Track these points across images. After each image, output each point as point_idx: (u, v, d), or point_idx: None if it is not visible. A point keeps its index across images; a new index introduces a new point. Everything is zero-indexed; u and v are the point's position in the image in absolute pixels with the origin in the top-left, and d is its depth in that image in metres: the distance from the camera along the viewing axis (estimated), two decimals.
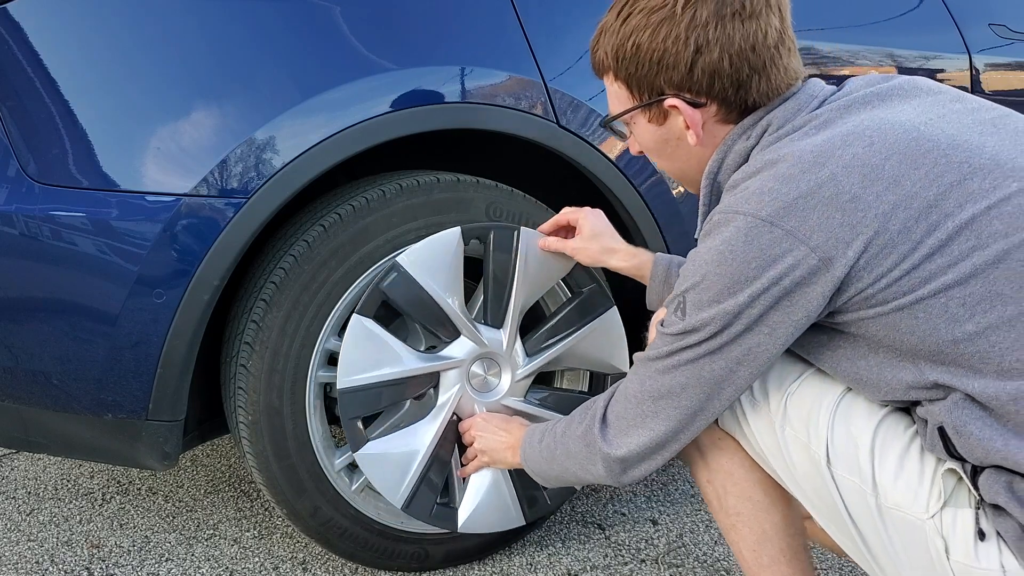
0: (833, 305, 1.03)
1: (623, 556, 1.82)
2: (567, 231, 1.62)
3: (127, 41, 1.45)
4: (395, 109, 1.49)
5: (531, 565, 1.78)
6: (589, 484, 1.37)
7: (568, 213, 1.60)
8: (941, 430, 1.04)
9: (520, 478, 1.64)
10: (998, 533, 1.01)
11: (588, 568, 1.77)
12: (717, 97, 1.13)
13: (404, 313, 1.57)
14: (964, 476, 1.04)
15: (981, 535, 1.02)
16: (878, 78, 1.15)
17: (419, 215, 1.56)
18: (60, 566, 1.79)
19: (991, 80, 2.13)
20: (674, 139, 1.20)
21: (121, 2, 1.45)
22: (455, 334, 1.60)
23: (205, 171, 1.41)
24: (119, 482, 2.15)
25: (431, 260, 1.55)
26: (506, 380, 1.66)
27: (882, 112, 1.06)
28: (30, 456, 2.29)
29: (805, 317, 1.05)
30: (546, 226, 1.62)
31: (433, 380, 1.61)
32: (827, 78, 1.93)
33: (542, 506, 1.71)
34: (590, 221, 1.56)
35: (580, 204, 1.62)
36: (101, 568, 1.79)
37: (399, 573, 1.74)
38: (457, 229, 1.56)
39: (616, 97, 1.22)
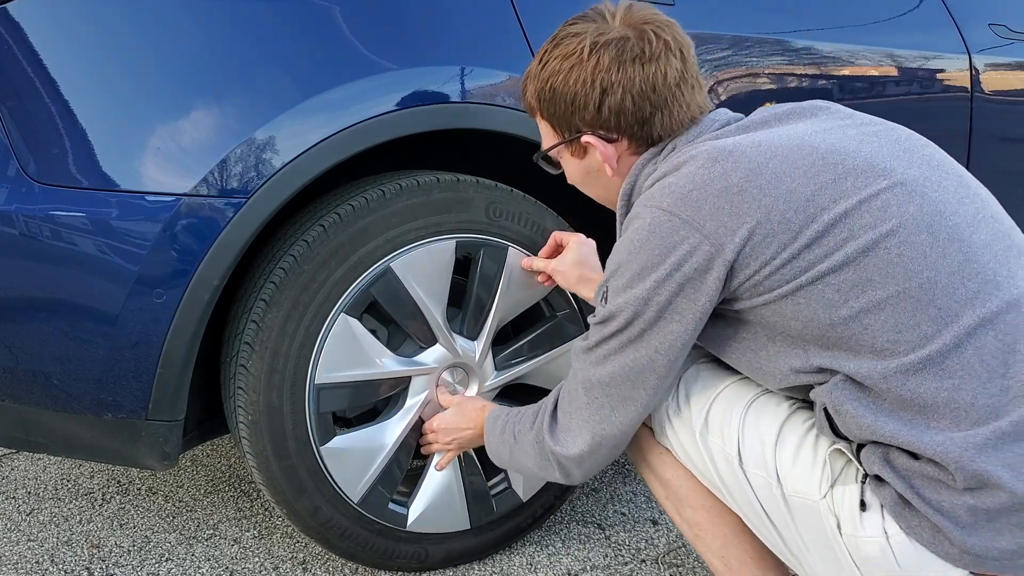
0: (728, 290, 1.13)
1: (623, 556, 1.82)
2: (556, 251, 1.64)
3: (127, 41, 1.45)
4: (395, 109, 1.49)
5: (531, 565, 1.78)
6: (549, 480, 1.43)
7: (562, 234, 1.62)
8: (825, 411, 1.14)
9: (471, 485, 1.69)
10: (880, 504, 1.11)
11: (588, 568, 1.77)
12: (626, 133, 1.25)
13: (388, 315, 1.58)
14: (849, 454, 1.14)
15: (863, 505, 1.11)
16: (783, 105, 1.26)
17: (419, 215, 1.56)
18: (60, 566, 1.79)
19: (991, 80, 2.13)
20: (595, 171, 1.32)
21: (121, 2, 1.45)
22: (431, 341, 1.61)
23: (205, 171, 1.41)
24: (119, 482, 2.15)
25: (422, 269, 1.56)
26: (473, 390, 1.68)
27: (775, 129, 1.19)
28: (30, 456, 2.29)
29: (707, 301, 1.14)
30: (543, 251, 1.64)
31: (404, 383, 1.63)
32: (827, 78, 1.94)
33: (488, 512, 1.72)
34: (578, 248, 1.59)
35: (580, 204, 1.62)
36: (101, 568, 1.79)
37: (399, 573, 1.74)
38: (452, 243, 1.57)
39: (545, 134, 1.35)
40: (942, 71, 2.08)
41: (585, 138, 1.27)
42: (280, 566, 1.79)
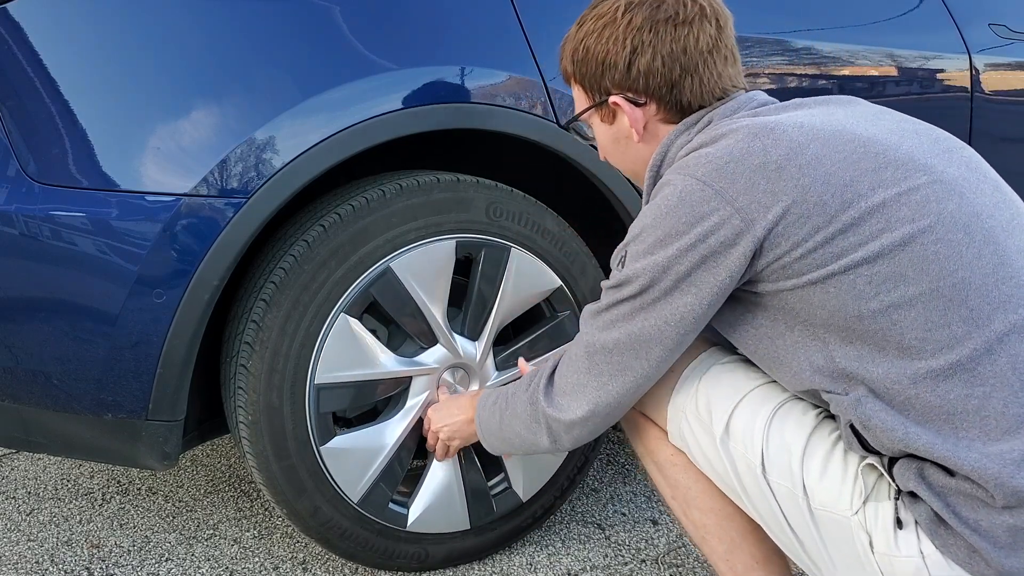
0: (753, 270, 1.11)
1: (623, 556, 1.82)
2: None
3: (127, 41, 1.45)
4: (395, 109, 1.49)
5: (531, 565, 1.78)
6: (533, 451, 1.39)
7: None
8: (852, 427, 1.11)
9: (471, 485, 1.68)
10: (915, 521, 1.07)
11: (588, 568, 1.77)
12: (654, 96, 1.23)
13: (388, 315, 1.58)
14: (881, 468, 1.11)
15: (899, 523, 1.08)
16: (816, 97, 1.26)
17: (419, 215, 1.56)
18: (60, 566, 1.79)
19: (991, 80, 2.13)
20: (623, 138, 1.30)
21: (121, 2, 1.45)
22: (432, 341, 1.61)
23: (205, 171, 1.41)
24: (119, 482, 2.15)
25: (423, 269, 1.56)
26: (474, 390, 1.68)
27: (816, 111, 1.18)
28: (30, 456, 2.29)
29: (728, 278, 1.12)
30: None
31: (405, 383, 1.63)
32: (827, 78, 1.93)
33: (488, 512, 1.72)
34: None
35: (579, 203, 1.62)
36: (101, 568, 1.79)
37: (399, 573, 1.74)
38: (452, 243, 1.57)
39: (578, 100, 1.33)
40: (942, 71, 2.08)
41: (613, 99, 1.25)
42: (280, 566, 1.79)
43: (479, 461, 1.70)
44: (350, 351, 1.55)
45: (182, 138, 1.42)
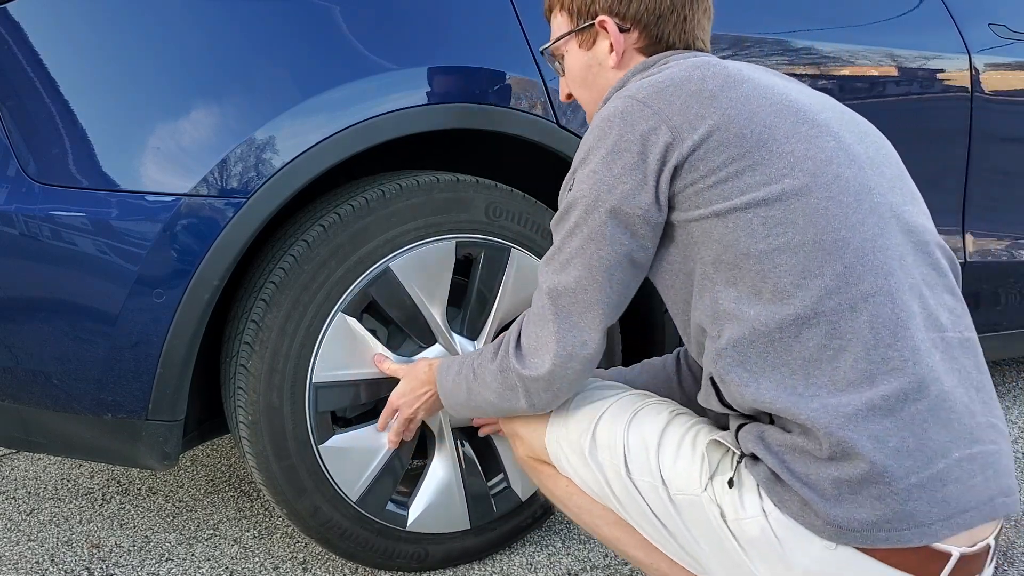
0: (672, 190, 1.18)
1: None
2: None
3: (127, 41, 1.45)
4: (395, 109, 1.49)
5: (531, 565, 1.78)
6: (509, 415, 1.40)
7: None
8: (712, 381, 1.19)
9: (471, 485, 1.68)
10: (756, 483, 1.15)
11: (588, 568, 1.77)
12: (639, 23, 1.31)
13: (387, 315, 1.58)
14: (726, 443, 1.19)
15: (731, 483, 1.16)
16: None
17: (419, 215, 1.56)
18: (60, 566, 1.79)
19: (991, 80, 2.13)
20: (596, 64, 1.35)
21: (121, 2, 1.45)
22: (431, 341, 1.61)
23: (205, 171, 1.41)
24: (119, 482, 2.15)
25: (422, 269, 1.56)
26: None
27: (760, 72, 1.27)
28: (30, 456, 2.29)
29: (658, 192, 1.18)
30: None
31: None
32: (827, 78, 1.94)
33: (488, 512, 1.72)
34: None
35: None
36: (101, 568, 1.79)
37: (399, 573, 1.74)
38: (452, 243, 1.57)
39: (558, 27, 1.38)
40: (942, 71, 2.08)
41: (601, 18, 1.31)
42: (280, 566, 1.79)
43: (479, 461, 1.70)
44: (348, 350, 1.55)
45: (182, 138, 1.42)
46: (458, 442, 1.67)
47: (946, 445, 1.09)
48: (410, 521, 1.66)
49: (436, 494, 1.67)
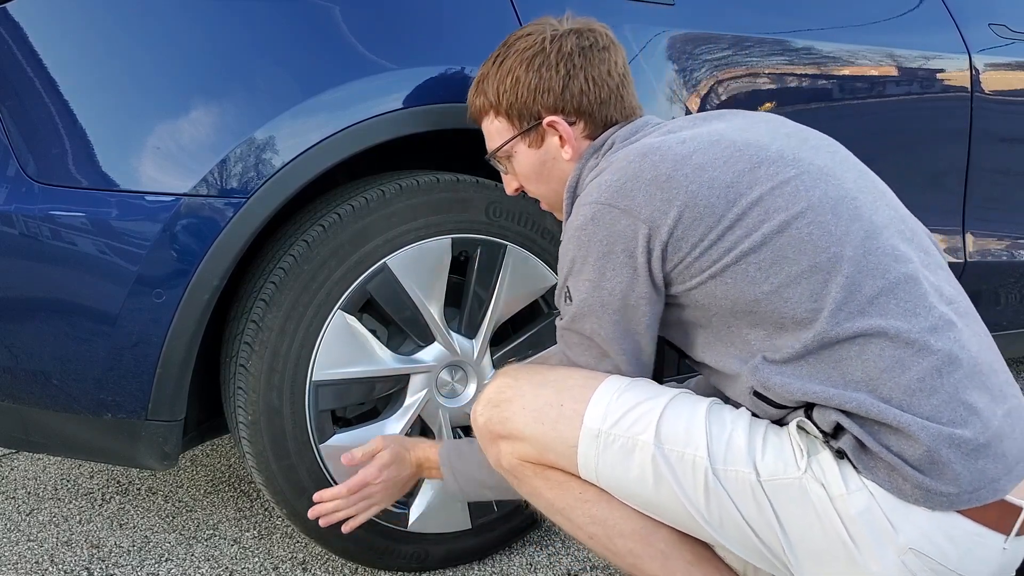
0: (665, 271, 1.23)
1: None
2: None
3: (127, 41, 1.45)
4: (395, 109, 1.49)
5: (531, 565, 1.78)
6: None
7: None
8: (754, 392, 1.22)
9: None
10: (849, 458, 1.17)
11: (588, 568, 1.77)
12: (584, 113, 1.36)
13: (385, 313, 1.58)
14: (807, 428, 1.20)
15: (840, 453, 1.17)
16: (698, 114, 1.41)
17: (419, 215, 1.56)
18: (60, 566, 1.79)
19: (991, 80, 2.13)
20: (550, 159, 1.39)
21: (121, 2, 1.45)
22: (429, 339, 1.61)
23: (205, 171, 1.41)
24: (119, 482, 2.15)
25: (419, 266, 1.56)
26: (472, 389, 1.68)
27: (698, 128, 1.31)
28: (30, 456, 2.29)
29: (652, 279, 1.24)
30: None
31: (403, 382, 1.63)
32: (827, 78, 1.93)
33: (488, 512, 1.72)
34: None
35: None
36: (101, 568, 1.79)
37: (399, 573, 1.74)
38: (448, 241, 1.57)
39: (497, 133, 1.41)
40: (942, 71, 2.08)
41: (548, 119, 1.35)
42: (280, 566, 1.79)
43: None
44: (347, 347, 1.55)
45: (182, 138, 1.42)
46: None
47: (990, 405, 1.16)
48: (411, 521, 1.66)
49: (437, 494, 1.67)
